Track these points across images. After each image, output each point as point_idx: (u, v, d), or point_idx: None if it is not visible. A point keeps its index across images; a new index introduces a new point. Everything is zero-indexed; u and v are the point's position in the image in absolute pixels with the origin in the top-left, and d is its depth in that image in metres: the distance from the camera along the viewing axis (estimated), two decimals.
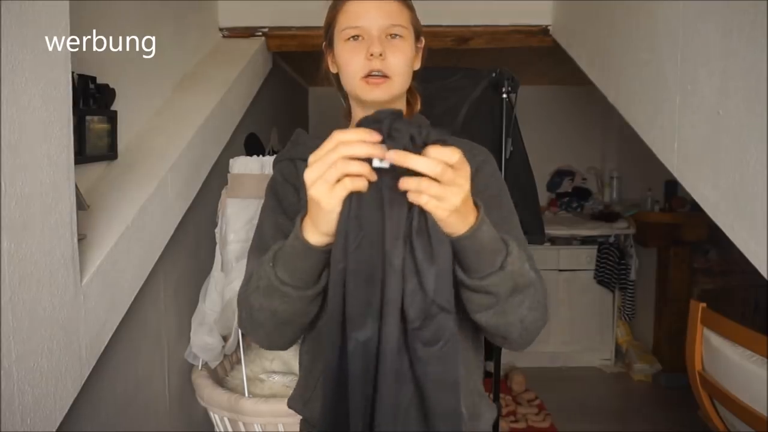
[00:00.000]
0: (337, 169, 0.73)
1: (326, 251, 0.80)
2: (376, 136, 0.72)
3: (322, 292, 0.87)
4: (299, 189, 1.06)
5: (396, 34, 1.01)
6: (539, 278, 0.92)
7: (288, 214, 1.04)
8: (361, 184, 0.73)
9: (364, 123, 0.75)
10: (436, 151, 0.72)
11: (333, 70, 1.10)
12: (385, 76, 1.01)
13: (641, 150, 2.13)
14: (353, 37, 1.02)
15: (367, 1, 1.01)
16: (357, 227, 0.74)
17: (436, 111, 1.91)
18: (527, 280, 0.87)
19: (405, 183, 0.72)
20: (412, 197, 0.73)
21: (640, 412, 3.49)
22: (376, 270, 0.74)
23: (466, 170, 0.74)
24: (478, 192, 0.82)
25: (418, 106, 1.15)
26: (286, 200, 1.06)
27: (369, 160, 0.73)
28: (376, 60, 1.00)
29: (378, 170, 0.73)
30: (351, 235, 0.74)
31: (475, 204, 0.80)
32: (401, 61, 1.02)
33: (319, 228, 0.78)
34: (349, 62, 1.02)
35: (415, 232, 0.74)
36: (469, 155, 0.77)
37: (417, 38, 1.07)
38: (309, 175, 0.74)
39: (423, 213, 0.74)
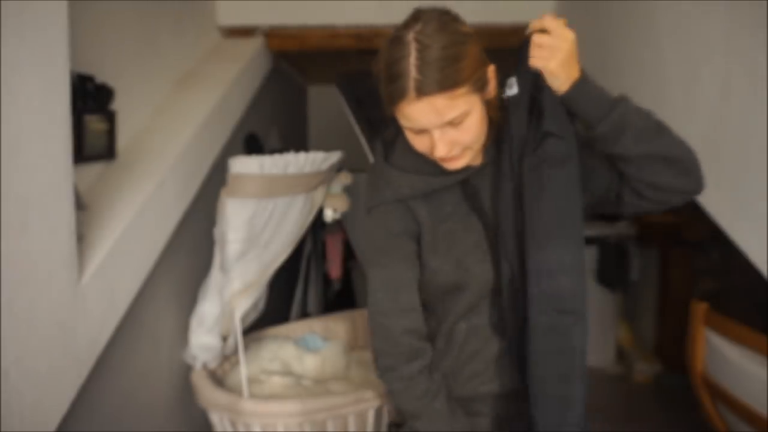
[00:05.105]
0: None
1: None
2: None
3: None
4: (423, 234, 1.09)
5: (457, 123, 0.97)
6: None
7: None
8: None
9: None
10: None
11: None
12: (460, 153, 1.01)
13: None
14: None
15: (416, 105, 0.95)
16: None
17: None
18: (658, 122, 1.00)
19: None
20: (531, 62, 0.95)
21: (641, 413, 3.48)
22: None
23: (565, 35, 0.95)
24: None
25: (496, 115, 1.08)
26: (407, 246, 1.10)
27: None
28: (446, 155, 1.00)
29: None
30: None
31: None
32: (469, 138, 1.00)
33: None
34: (419, 146, 1.02)
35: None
36: None
37: (483, 89, 1.00)
38: None
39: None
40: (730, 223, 1.69)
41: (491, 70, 1.01)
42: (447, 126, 0.97)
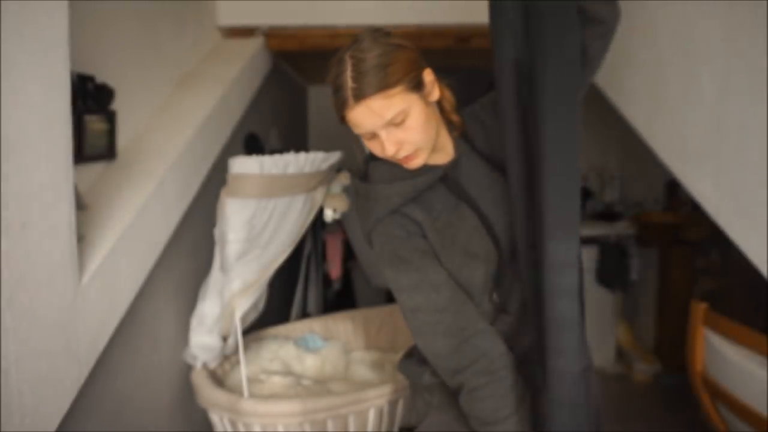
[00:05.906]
0: None
1: None
2: None
3: None
4: (426, 233, 1.13)
5: (398, 121, 1.04)
6: None
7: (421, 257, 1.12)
8: None
9: None
10: None
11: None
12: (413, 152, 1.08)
13: (643, 149, 2.12)
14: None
15: (356, 110, 1.03)
16: None
17: None
18: None
19: None
20: None
21: (641, 413, 3.48)
22: None
23: None
24: None
25: (456, 117, 1.16)
26: (418, 251, 1.12)
27: None
28: (396, 154, 1.06)
29: None
30: None
31: None
32: (416, 137, 1.06)
33: None
34: (374, 149, 1.09)
35: None
36: None
37: (420, 88, 1.06)
38: None
39: None
40: (730, 223, 1.69)
41: (428, 73, 1.08)
42: (391, 126, 1.05)
